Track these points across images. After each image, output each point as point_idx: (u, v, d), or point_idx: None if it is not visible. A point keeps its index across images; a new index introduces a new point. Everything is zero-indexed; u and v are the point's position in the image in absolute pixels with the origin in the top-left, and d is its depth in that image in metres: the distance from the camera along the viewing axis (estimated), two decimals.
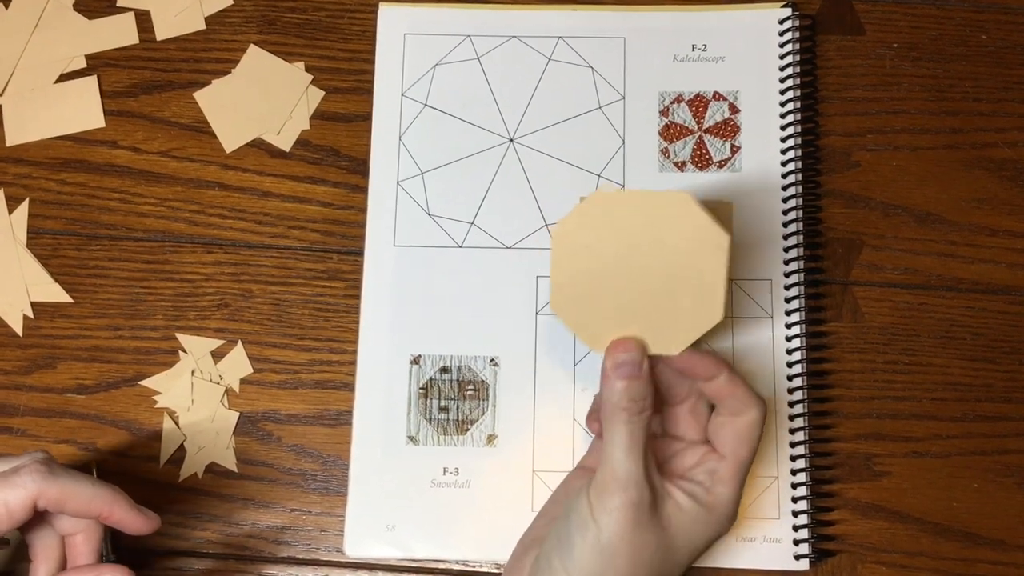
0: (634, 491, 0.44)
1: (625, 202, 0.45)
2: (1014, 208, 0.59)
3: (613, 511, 0.44)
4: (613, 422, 0.45)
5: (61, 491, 0.44)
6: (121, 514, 0.46)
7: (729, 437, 0.46)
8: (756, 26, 0.61)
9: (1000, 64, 0.61)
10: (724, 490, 0.46)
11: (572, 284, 0.46)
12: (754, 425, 0.46)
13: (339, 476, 0.56)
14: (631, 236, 0.45)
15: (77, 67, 0.62)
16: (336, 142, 0.61)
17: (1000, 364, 0.57)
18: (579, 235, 0.46)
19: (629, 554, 0.44)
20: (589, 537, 0.44)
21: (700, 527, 0.45)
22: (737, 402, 0.46)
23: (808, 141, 0.59)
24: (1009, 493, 0.56)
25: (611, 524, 0.44)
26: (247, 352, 0.58)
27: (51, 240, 0.59)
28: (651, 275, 0.45)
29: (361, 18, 0.62)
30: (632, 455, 0.44)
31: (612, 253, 0.46)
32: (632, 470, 0.44)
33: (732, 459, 0.46)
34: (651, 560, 0.44)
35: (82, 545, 0.47)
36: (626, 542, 0.44)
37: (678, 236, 0.45)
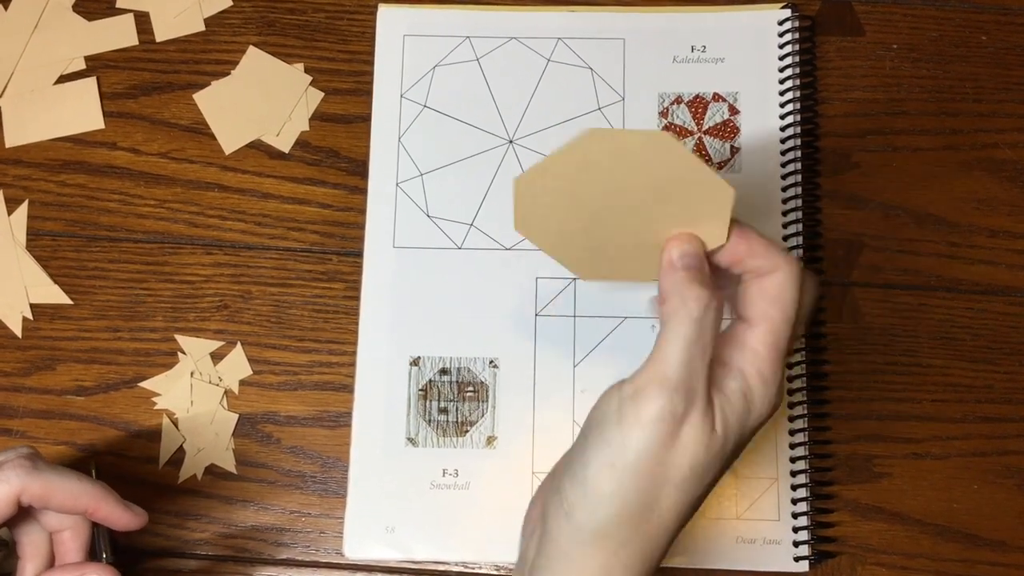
0: (680, 401, 0.37)
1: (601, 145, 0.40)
2: (1014, 209, 0.59)
3: (648, 423, 0.37)
4: (678, 318, 0.38)
5: (45, 486, 0.44)
6: (108, 510, 0.45)
7: (756, 298, 0.40)
8: (756, 27, 0.60)
9: (1000, 65, 0.61)
10: (755, 366, 0.39)
11: (541, 210, 0.43)
12: (784, 284, 0.39)
13: (338, 478, 0.56)
14: (608, 172, 0.41)
15: (76, 68, 0.62)
16: (335, 143, 0.61)
17: (1000, 365, 0.57)
18: (548, 179, 0.41)
19: (658, 476, 0.37)
20: (611, 454, 0.37)
21: (741, 422, 0.39)
22: (762, 261, 0.40)
23: (808, 142, 0.59)
24: (1009, 494, 0.56)
25: (642, 438, 0.37)
26: (246, 353, 0.58)
27: (50, 242, 0.59)
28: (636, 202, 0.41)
29: (360, 19, 0.62)
30: (693, 358, 0.37)
31: (586, 188, 0.41)
32: (687, 376, 0.37)
33: (763, 324, 0.39)
34: (684, 481, 0.38)
35: (70, 542, 0.46)
36: (656, 461, 0.37)
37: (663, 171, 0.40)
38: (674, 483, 0.38)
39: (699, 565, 0.55)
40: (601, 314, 0.57)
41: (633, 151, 0.40)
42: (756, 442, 0.55)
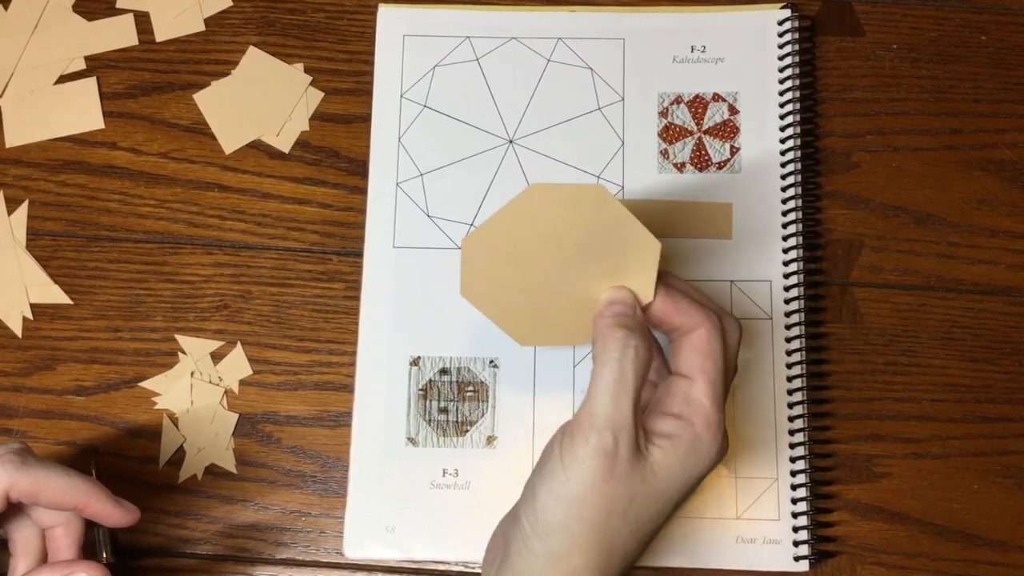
0: (609, 437, 0.40)
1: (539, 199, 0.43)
2: (1014, 209, 0.59)
3: (584, 459, 0.40)
4: (601, 361, 0.42)
5: (34, 482, 0.43)
6: (98, 506, 0.45)
7: (689, 353, 0.43)
8: (755, 27, 0.61)
9: (1000, 65, 0.61)
10: (702, 416, 0.42)
11: (486, 272, 0.45)
12: (711, 338, 0.43)
13: (338, 477, 0.56)
14: (548, 227, 0.43)
15: (76, 68, 0.62)
16: (335, 143, 0.61)
17: (1000, 365, 0.57)
18: (494, 238, 0.44)
19: (601, 507, 0.41)
20: (556, 487, 0.41)
21: (687, 466, 0.42)
22: (686, 319, 0.43)
23: (808, 142, 0.59)
24: (1009, 494, 0.56)
25: (580, 473, 0.40)
26: (246, 353, 0.58)
27: (51, 242, 0.59)
28: (573, 258, 0.44)
29: (360, 19, 0.62)
30: (617, 397, 0.41)
31: (527, 245, 0.44)
32: (613, 413, 0.41)
33: (701, 378, 0.43)
34: (627, 511, 0.41)
35: (62, 538, 0.46)
36: (597, 493, 0.41)
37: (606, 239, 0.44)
38: (618, 513, 0.41)
39: (699, 565, 0.55)
40: None
41: (570, 204, 0.43)
42: (756, 442, 0.55)
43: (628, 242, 0.44)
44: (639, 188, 0.59)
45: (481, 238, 0.44)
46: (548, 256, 0.44)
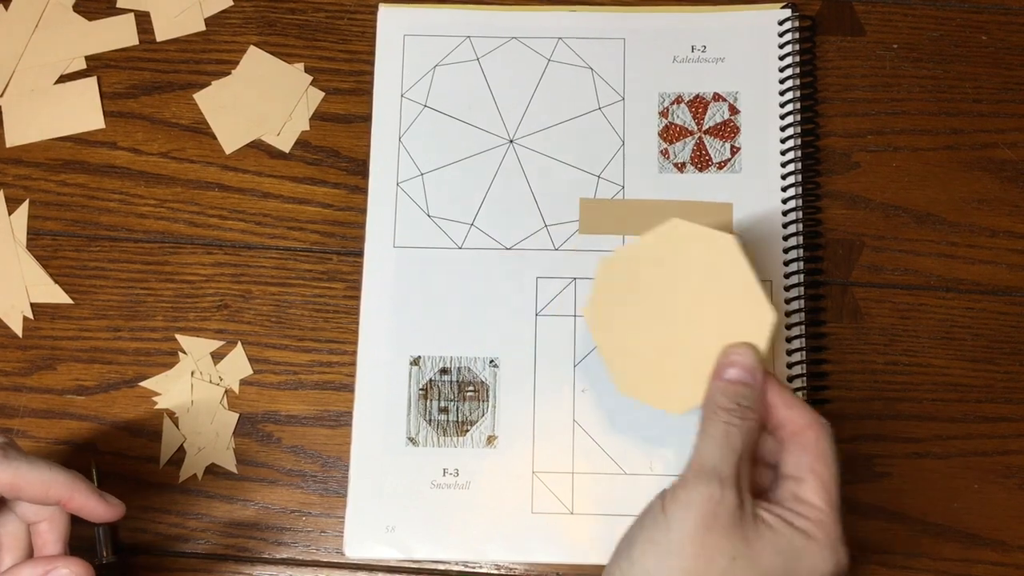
0: (716, 484, 0.40)
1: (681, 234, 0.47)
2: (1014, 209, 0.59)
3: (689, 504, 0.40)
4: (710, 419, 0.42)
5: (14, 476, 0.43)
6: (82, 500, 0.44)
7: (799, 456, 0.43)
8: (756, 27, 0.61)
9: (1000, 65, 0.61)
10: (813, 513, 0.41)
11: (612, 299, 0.48)
12: (819, 438, 0.43)
13: (339, 477, 0.56)
14: (676, 267, 0.47)
15: (77, 68, 0.62)
16: (336, 143, 0.61)
17: (1000, 365, 0.57)
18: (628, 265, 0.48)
19: (701, 557, 0.39)
20: (656, 535, 0.40)
21: (795, 553, 0.41)
22: (794, 415, 0.44)
23: (808, 142, 0.59)
24: (1010, 494, 0.56)
25: (682, 518, 0.40)
26: (247, 353, 0.58)
27: (51, 241, 0.60)
28: (691, 306, 0.47)
29: (361, 19, 0.62)
30: (724, 452, 0.41)
31: (655, 281, 0.47)
32: (719, 465, 0.40)
33: (811, 478, 0.42)
34: (726, 571, 0.39)
35: (47, 533, 0.45)
36: (698, 543, 0.39)
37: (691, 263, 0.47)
38: (718, 570, 0.39)
39: None
40: None
41: (702, 247, 0.46)
42: None
43: (744, 306, 0.46)
44: (639, 188, 0.59)
45: (617, 262, 0.48)
46: (670, 298, 0.47)
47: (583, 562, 0.55)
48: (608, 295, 0.48)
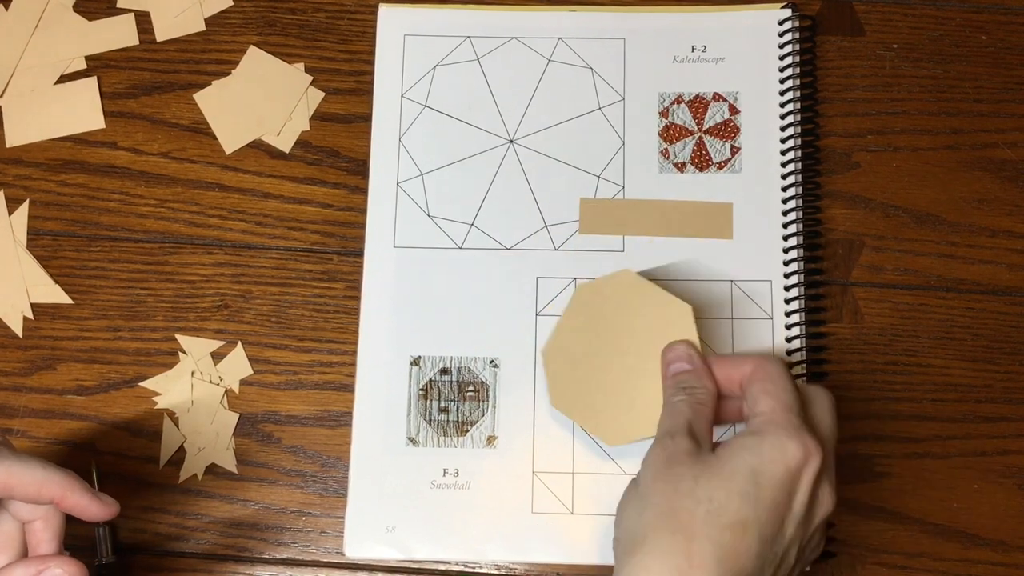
0: (669, 440, 0.45)
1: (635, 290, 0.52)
2: (1014, 209, 0.59)
3: (650, 461, 0.45)
4: (666, 403, 0.48)
5: (7, 475, 0.43)
6: (75, 499, 0.44)
7: (751, 388, 0.47)
8: (756, 27, 0.61)
9: (1000, 65, 0.61)
10: (763, 416, 0.45)
11: (567, 379, 0.53)
12: (758, 366, 0.47)
13: (339, 477, 0.56)
14: (613, 324, 0.52)
15: (77, 68, 0.62)
16: (336, 143, 0.61)
17: (1000, 365, 0.57)
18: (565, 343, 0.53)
19: (666, 489, 0.44)
20: (630, 493, 0.46)
21: (754, 453, 0.44)
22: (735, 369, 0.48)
23: (808, 142, 0.59)
24: (1009, 494, 0.56)
25: (646, 473, 0.45)
26: (247, 353, 0.58)
27: (51, 241, 0.60)
28: (633, 356, 0.52)
29: (361, 19, 0.62)
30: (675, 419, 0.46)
31: (594, 346, 0.53)
32: (671, 427, 0.46)
33: (760, 394, 0.46)
34: (693, 489, 0.43)
35: (41, 532, 0.45)
36: (661, 479, 0.44)
37: (648, 316, 0.52)
38: (684, 492, 0.43)
39: None
40: None
41: (609, 293, 0.52)
42: None
43: (665, 315, 0.51)
44: (639, 188, 0.59)
45: (554, 345, 0.53)
46: (614, 351, 0.52)
47: (583, 562, 0.55)
48: (564, 376, 0.53)
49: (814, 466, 0.44)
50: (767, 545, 0.43)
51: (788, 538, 0.44)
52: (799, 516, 0.44)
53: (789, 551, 0.44)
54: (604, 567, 0.55)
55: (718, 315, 0.57)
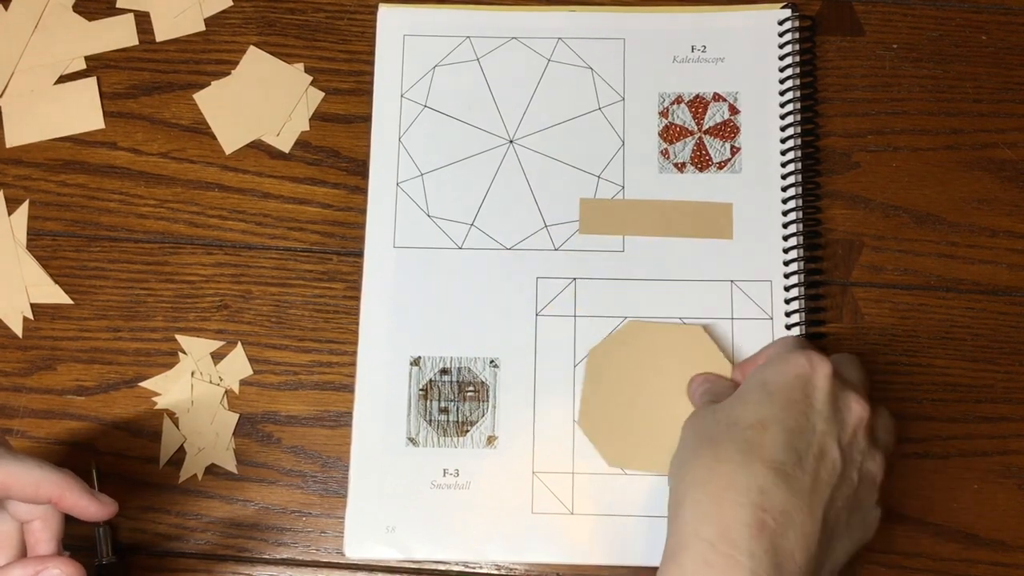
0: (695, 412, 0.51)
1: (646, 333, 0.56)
2: (1014, 209, 0.59)
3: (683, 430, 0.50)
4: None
5: (4, 475, 0.43)
6: (73, 499, 0.44)
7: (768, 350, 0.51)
8: (756, 27, 0.61)
9: (1000, 65, 0.61)
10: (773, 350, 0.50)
11: (600, 404, 0.55)
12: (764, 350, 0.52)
13: (339, 477, 0.56)
14: (650, 364, 0.55)
15: (77, 68, 0.62)
16: (336, 143, 0.61)
17: (1000, 365, 0.57)
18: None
19: (694, 428, 0.49)
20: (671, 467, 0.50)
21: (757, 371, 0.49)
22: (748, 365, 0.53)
23: (808, 142, 0.59)
24: (1009, 494, 0.56)
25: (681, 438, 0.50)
26: (247, 353, 0.58)
27: (51, 241, 0.60)
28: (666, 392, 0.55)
29: (361, 19, 0.62)
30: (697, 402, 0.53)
31: (633, 381, 0.55)
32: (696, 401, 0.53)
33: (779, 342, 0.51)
34: (715, 416, 0.48)
35: (40, 532, 0.45)
36: (690, 425, 0.49)
37: (669, 352, 0.56)
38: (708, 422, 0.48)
39: None
40: (601, 314, 0.57)
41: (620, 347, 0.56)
42: None
43: (683, 344, 0.56)
44: (639, 188, 0.59)
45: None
46: (645, 392, 0.55)
47: (583, 562, 0.55)
48: (592, 398, 0.56)
49: (824, 372, 0.46)
50: (794, 435, 0.44)
51: (819, 431, 0.45)
52: (824, 412, 0.45)
53: (827, 446, 0.45)
54: (604, 567, 0.55)
55: (718, 315, 0.57)
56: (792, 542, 0.42)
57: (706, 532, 0.43)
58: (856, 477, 0.46)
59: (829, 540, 0.44)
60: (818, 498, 0.44)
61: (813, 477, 0.44)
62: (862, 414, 0.46)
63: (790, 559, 0.42)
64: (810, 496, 0.44)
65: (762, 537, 0.42)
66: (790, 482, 0.43)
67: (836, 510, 0.44)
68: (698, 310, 0.57)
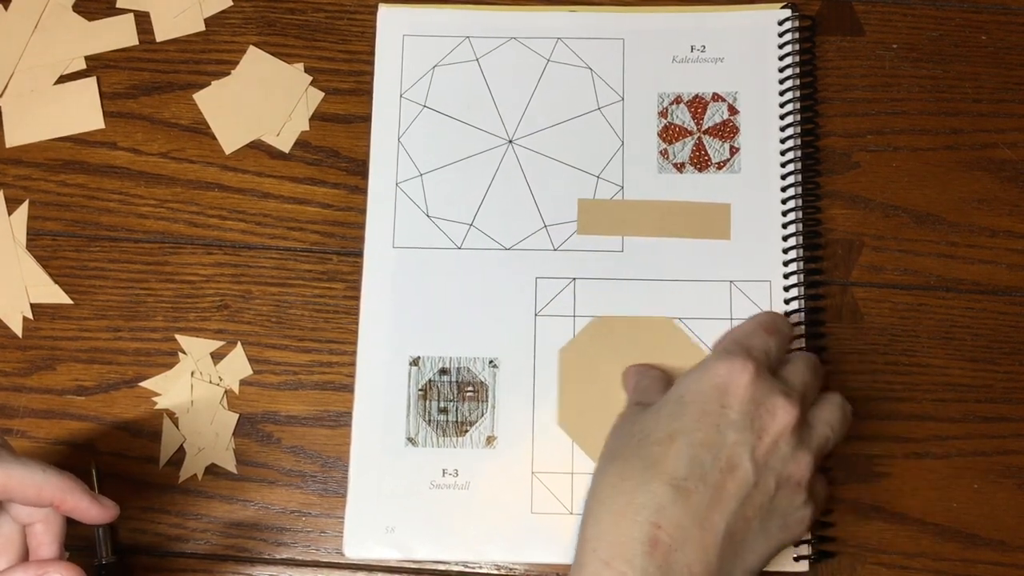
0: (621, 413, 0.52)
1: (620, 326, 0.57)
2: (1014, 208, 0.59)
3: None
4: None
5: (6, 478, 0.42)
6: (75, 502, 0.44)
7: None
8: (755, 27, 0.60)
9: (1000, 65, 0.61)
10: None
11: (578, 402, 0.56)
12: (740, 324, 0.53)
13: (339, 477, 0.56)
14: (622, 359, 0.56)
15: (77, 68, 0.62)
16: (335, 143, 0.61)
17: (1000, 365, 0.57)
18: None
19: (610, 440, 0.50)
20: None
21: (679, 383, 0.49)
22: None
23: (808, 142, 0.59)
24: (1009, 494, 0.56)
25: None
26: (247, 353, 0.58)
27: (51, 241, 0.60)
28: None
29: (360, 19, 0.62)
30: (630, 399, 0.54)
31: (608, 377, 0.56)
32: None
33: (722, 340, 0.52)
34: (630, 430, 0.48)
35: (42, 535, 0.45)
36: (611, 435, 0.51)
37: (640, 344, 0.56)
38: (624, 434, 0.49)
39: None
40: (600, 314, 0.57)
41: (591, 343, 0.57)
42: None
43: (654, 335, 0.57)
44: (638, 188, 0.59)
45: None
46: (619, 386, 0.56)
47: None
48: (570, 396, 0.56)
49: (742, 382, 0.46)
50: (702, 449, 0.45)
51: (731, 443, 0.45)
52: (740, 423, 0.46)
53: (737, 457, 0.45)
54: None
55: (717, 316, 0.57)
56: (689, 555, 0.43)
57: (603, 551, 0.44)
58: (773, 484, 0.46)
59: (736, 549, 0.45)
60: (720, 511, 0.44)
61: (716, 490, 0.44)
62: (787, 420, 0.46)
63: (685, 572, 0.43)
64: (709, 510, 0.44)
65: (656, 553, 0.43)
66: (689, 497, 0.44)
67: (745, 520, 0.45)
68: (697, 310, 0.57)
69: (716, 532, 0.44)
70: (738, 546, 0.45)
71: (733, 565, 0.45)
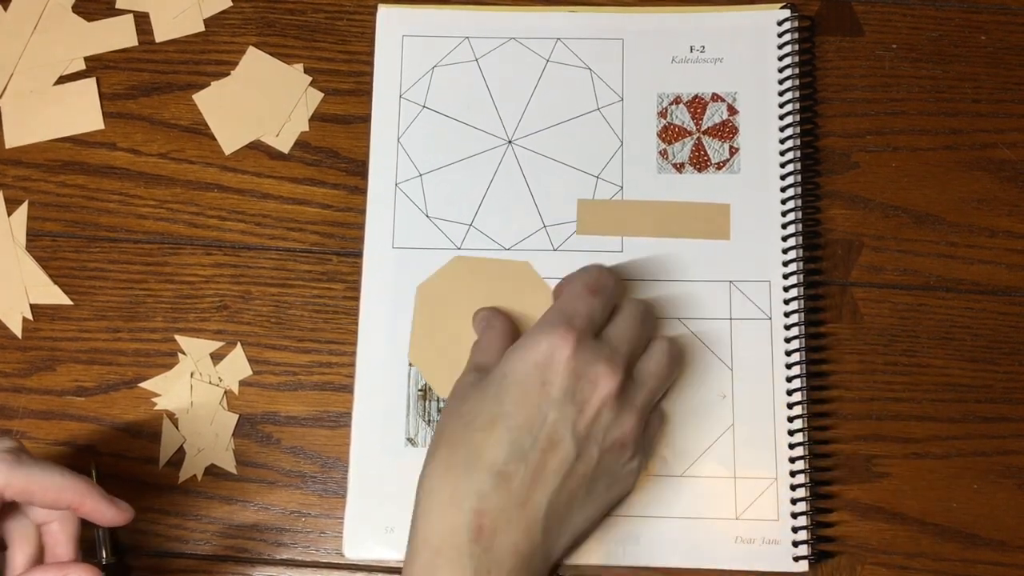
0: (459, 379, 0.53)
1: (479, 267, 0.57)
2: (1014, 209, 0.59)
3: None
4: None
5: (28, 481, 0.44)
6: (92, 505, 0.45)
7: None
8: (755, 27, 0.60)
9: (999, 65, 0.61)
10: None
11: (430, 339, 0.56)
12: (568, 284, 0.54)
13: (338, 478, 0.56)
14: (478, 299, 0.56)
15: (76, 69, 0.62)
16: (335, 144, 0.61)
17: (1000, 365, 0.57)
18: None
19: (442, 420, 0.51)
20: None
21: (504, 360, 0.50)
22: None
23: (807, 142, 0.59)
24: (1009, 494, 0.56)
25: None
26: (246, 354, 0.58)
27: (50, 242, 0.60)
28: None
29: (360, 20, 0.62)
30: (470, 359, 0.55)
31: (462, 315, 0.56)
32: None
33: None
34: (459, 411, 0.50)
35: (58, 533, 0.46)
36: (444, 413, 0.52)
37: (499, 288, 0.56)
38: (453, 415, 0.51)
39: (698, 565, 0.55)
40: None
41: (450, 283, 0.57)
42: (755, 442, 0.55)
43: (512, 280, 0.57)
44: (638, 189, 0.59)
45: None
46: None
47: (583, 562, 0.55)
48: (424, 332, 0.57)
49: (565, 352, 0.48)
50: (521, 432, 0.47)
51: (551, 421, 0.47)
52: (559, 399, 0.48)
53: (557, 434, 0.47)
54: (604, 567, 0.55)
55: (717, 316, 0.57)
56: (513, 536, 0.46)
57: (434, 540, 0.46)
58: (597, 452, 0.48)
59: (562, 518, 0.48)
60: (542, 489, 0.47)
61: (537, 470, 0.47)
62: (608, 388, 0.48)
63: (511, 552, 0.46)
64: (530, 490, 0.47)
65: (481, 539, 0.45)
66: (510, 481, 0.46)
67: (569, 492, 0.48)
68: (697, 311, 0.57)
69: (538, 509, 0.46)
70: (563, 516, 0.47)
71: (559, 533, 0.48)
